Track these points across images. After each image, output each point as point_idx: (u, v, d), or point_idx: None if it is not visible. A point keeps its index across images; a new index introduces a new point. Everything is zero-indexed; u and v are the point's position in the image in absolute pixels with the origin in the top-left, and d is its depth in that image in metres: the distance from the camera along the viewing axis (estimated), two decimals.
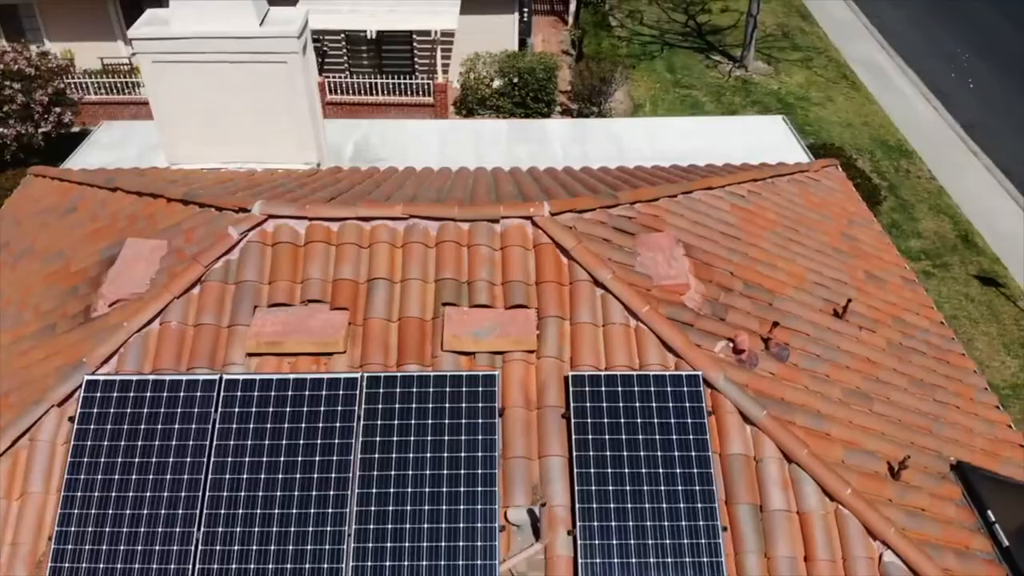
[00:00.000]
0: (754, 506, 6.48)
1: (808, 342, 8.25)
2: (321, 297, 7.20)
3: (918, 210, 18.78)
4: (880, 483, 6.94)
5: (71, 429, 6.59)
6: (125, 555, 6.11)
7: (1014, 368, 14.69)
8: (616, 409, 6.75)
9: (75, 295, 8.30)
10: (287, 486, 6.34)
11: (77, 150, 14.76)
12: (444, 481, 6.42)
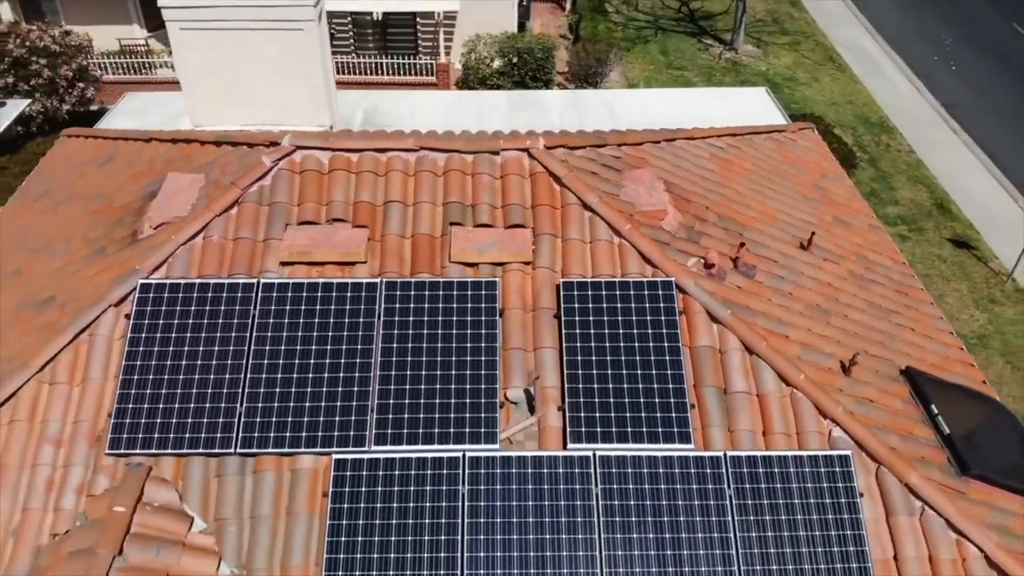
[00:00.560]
0: (719, 389, 7.50)
1: (774, 267, 9.26)
2: (344, 217, 8.22)
3: (896, 180, 19.81)
4: (832, 376, 7.95)
5: (127, 325, 7.61)
6: (178, 424, 7.13)
7: (982, 321, 15.71)
8: (600, 309, 7.77)
9: (121, 224, 9.32)
10: (318, 369, 7.36)
11: (103, 119, 15.77)
12: (453, 366, 7.45)
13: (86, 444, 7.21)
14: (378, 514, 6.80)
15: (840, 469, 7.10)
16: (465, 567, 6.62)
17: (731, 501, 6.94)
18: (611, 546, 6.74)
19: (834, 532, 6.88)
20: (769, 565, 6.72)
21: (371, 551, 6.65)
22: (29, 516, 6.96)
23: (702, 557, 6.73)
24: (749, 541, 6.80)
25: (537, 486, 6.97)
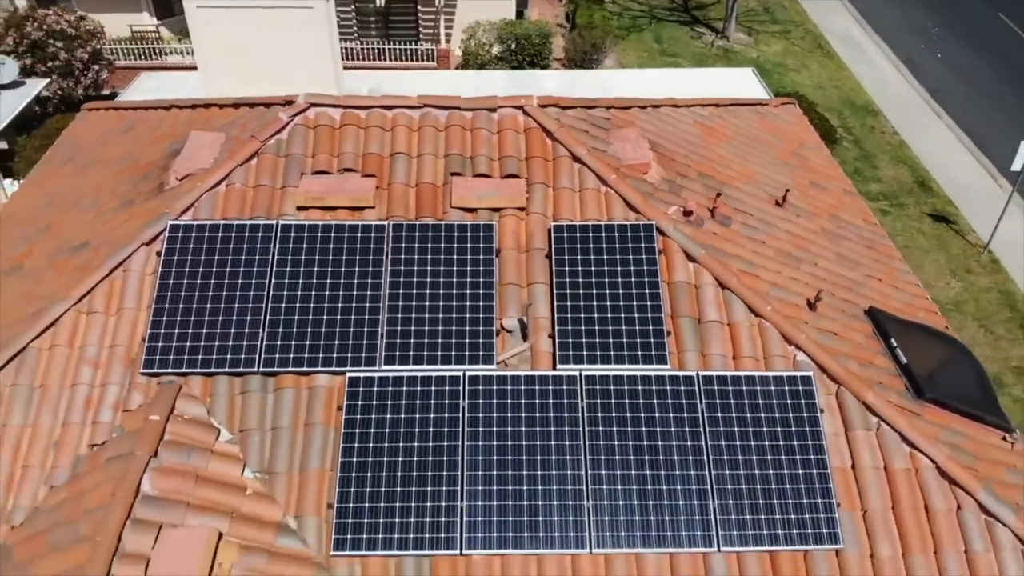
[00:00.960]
0: (693, 319, 8.28)
1: (749, 219, 10.04)
2: (354, 167, 9.00)
3: (880, 159, 20.58)
4: (798, 310, 8.73)
5: (158, 261, 8.39)
6: (205, 348, 7.91)
7: (958, 289, 16.49)
8: (587, 249, 8.55)
9: (147, 179, 10.11)
10: (332, 300, 8.15)
11: (119, 96, 16.55)
12: (454, 298, 8.23)
13: (121, 366, 7.99)
14: (387, 424, 7.58)
15: (802, 388, 7.88)
16: (465, 470, 7.40)
17: (703, 415, 7.72)
18: (595, 454, 7.52)
19: (796, 443, 7.65)
20: (737, 470, 7.50)
21: (381, 455, 7.44)
22: (69, 430, 7.74)
23: (676, 463, 7.51)
24: (719, 450, 7.58)
25: (529, 401, 7.75)
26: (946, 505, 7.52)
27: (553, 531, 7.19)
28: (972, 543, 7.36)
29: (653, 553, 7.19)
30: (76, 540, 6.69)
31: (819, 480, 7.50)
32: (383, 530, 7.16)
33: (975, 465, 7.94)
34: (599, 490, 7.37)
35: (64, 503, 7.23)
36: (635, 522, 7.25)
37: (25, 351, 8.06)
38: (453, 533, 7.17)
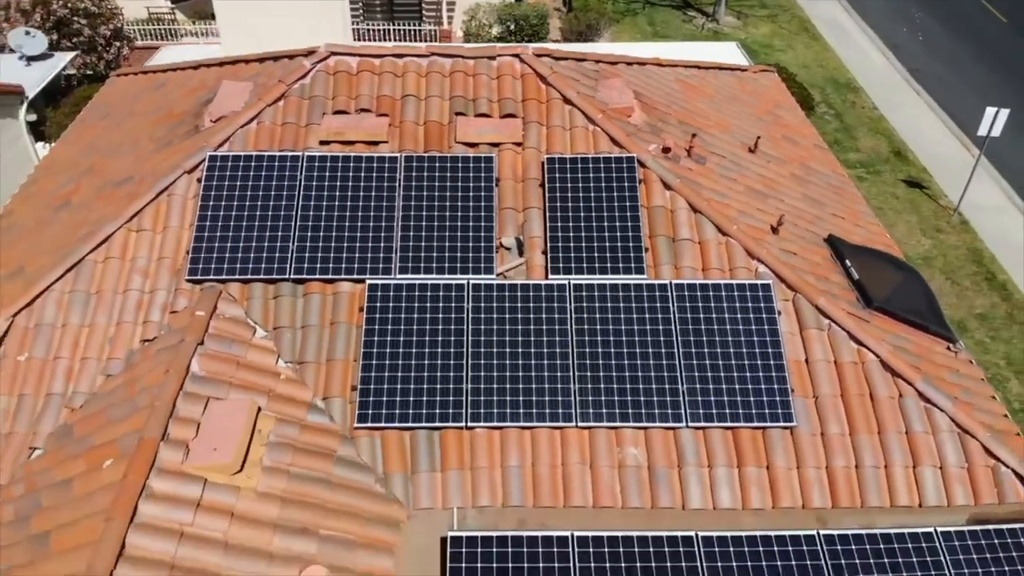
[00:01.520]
0: (668, 237, 9.43)
1: (722, 161, 11.18)
2: (369, 107, 10.14)
3: (858, 132, 21.73)
4: (762, 233, 9.87)
5: (199, 187, 9.54)
6: (242, 259, 9.05)
7: (927, 246, 17.63)
8: (576, 179, 9.70)
9: (182, 124, 11.25)
10: (352, 219, 9.29)
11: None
12: (459, 219, 9.37)
13: (168, 274, 9.14)
14: (403, 323, 8.73)
15: (762, 294, 9.03)
16: (469, 360, 8.54)
17: (675, 317, 8.87)
18: (581, 347, 8.66)
19: (756, 339, 8.80)
20: (703, 361, 8.64)
21: (397, 347, 8.58)
22: (122, 328, 8.88)
23: (650, 354, 8.65)
24: (688, 344, 8.72)
25: (524, 305, 8.90)
26: (888, 393, 8.66)
27: (544, 408, 8.34)
28: (912, 425, 8.50)
29: (630, 427, 8.34)
30: (134, 411, 7.82)
31: (775, 370, 8.65)
32: (399, 407, 8.30)
33: (918, 364, 9.08)
34: (584, 376, 8.52)
35: (120, 387, 8.37)
36: (615, 401, 8.40)
37: (81, 263, 9.21)
38: (459, 409, 8.32)
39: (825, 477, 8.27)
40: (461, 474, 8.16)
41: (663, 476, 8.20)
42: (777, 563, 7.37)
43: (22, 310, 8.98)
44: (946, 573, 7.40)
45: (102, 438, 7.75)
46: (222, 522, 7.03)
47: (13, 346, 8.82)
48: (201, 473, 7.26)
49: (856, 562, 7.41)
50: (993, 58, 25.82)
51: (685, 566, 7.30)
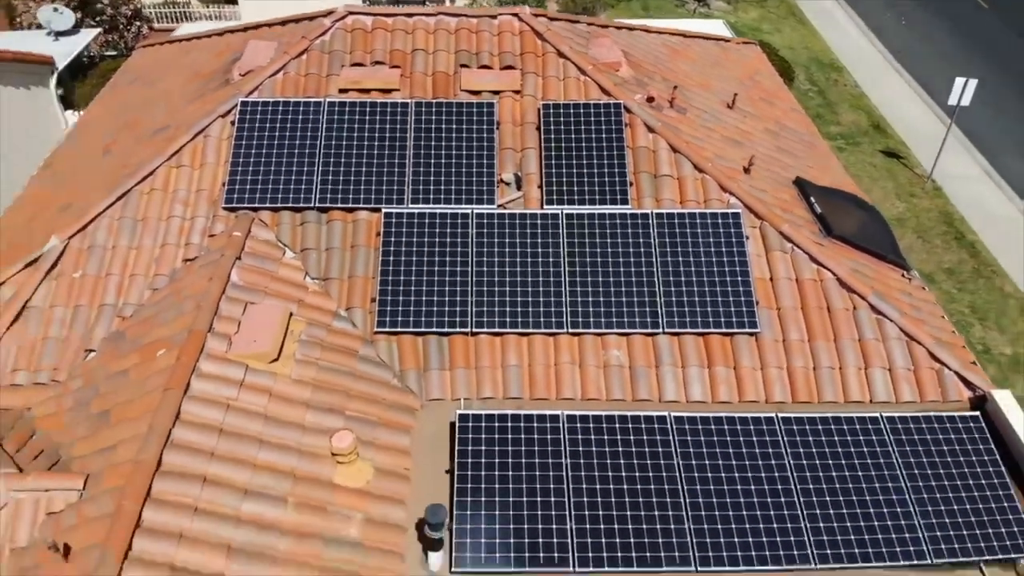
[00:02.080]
0: (650, 173, 10.58)
1: (702, 113, 12.33)
2: (383, 60, 11.30)
3: (840, 107, 22.89)
4: (735, 172, 11.02)
5: (232, 129, 10.69)
6: (272, 190, 10.20)
7: (901, 209, 18.80)
8: (568, 123, 10.85)
9: (213, 80, 12.39)
10: (369, 156, 10.43)
11: None
12: (464, 157, 10.51)
13: (206, 204, 10.30)
14: (414, 245, 9.88)
15: (732, 221, 10.18)
16: (473, 276, 9.70)
17: (655, 241, 10.03)
18: (571, 266, 9.81)
19: (726, 259, 9.95)
20: (679, 277, 9.79)
21: (410, 266, 9.74)
22: (166, 250, 10.03)
23: (632, 272, 9.80)
24: (665, 263, 9.87)
25: (522, 231, 10.05)
26: (843, 305, 9.81)
27: (539, 317, 9.50)
28: (864, 333, 9.65)
29: (614, 333, 9.49)
30: (180, 314, 8.97)
31: (743, 285, 9.80)
32: (412, 315, 9.46)
33: (872, 284, 10.23)
34: (574, 290, 9.67)
35: (167, 297, 9.53)
36: (600, 312, 9.55)
37: (128, 194, 10.36)
38: (465, 318, 9.47)
39: (786, 376, 9.43)
40: (467, 372, 9.32)
41: (642, 374, 9.36)
42: (740, 439, 8.53)
43: (76, 234, 10.12)
44: (889, 450, 8.55)
45: (153, 336, 8.90)
46: (262, 399, 8.19)
47: (69, 265, 9.97)
48: (243, 360, 8.41)
49: (809, 439, 8.57)
50: (970, 39, 26.96)
51: (659, 439, 8.46)
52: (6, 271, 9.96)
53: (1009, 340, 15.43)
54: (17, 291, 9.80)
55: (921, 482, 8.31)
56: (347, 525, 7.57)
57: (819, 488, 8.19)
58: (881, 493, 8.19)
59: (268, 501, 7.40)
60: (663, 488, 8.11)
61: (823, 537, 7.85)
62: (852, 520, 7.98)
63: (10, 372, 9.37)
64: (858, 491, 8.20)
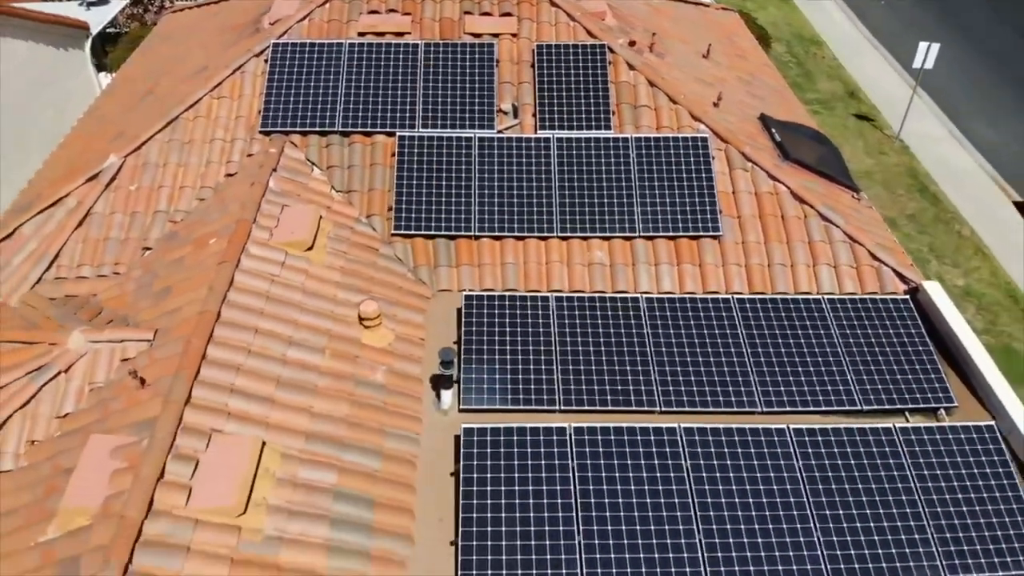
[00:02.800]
0: (631, 104, 12.12)
1: (679, 60, 13.88)
2: (396, 8, 12.85)
3: (818, 77, 24.44)
4: (706, 104, 12.56)
5: (266, 66, 12.23)
6: (301, 117, 11.75)
7: (870, 164, 20.34)
8: (559, 62, 12.39)
9: (244, 30, 13.94)
10: (385, 87, 11.98)
11: None
12: (467, 90, 12.06)
13: (244, 129, 11.84)
14: (425, 162, 11.42)
15: (700, 143, 11.72)
16: (476, 188, 11.24)
17: (633, 159, 11.57)
18: (561, 181, 11.35)
19: (695, 175, 11.47)
20: (654, 189, 11.33)
21: (422, 180, 11.28)
22: (210, 167, 11.58)
23: (614, 185, 11.35)
24: (642, 178, 11.42)
25: (518, 152, 11.59)
26: (796, 214, 11.35)
27: (533, 223, 11.04)
28: (813, 236, 11.18)
29: (597, 237, 11.04)
30: (226, 213, 10.51)
31: (708, 196, 11.33)
32: (423, 222, 11.00)
33: (823, 199, 11.77)
34: (563, 201, 11.21)
35: (213, 203, 11.08)
36: (586, 219, 11.09)
37: (176, 120, 11.91)
38: (469, 223, 11.02)
39: (744, 272, 10.97)
40: (471, 268, 10.87)
41: (621, 271, 10.91)
42: (700, 315, 10.08)
43: (131, 153, 11.67)
44: (829, 324, 10.10)
45: (203, 232, 10.44)
46: (300, 277, 9.74)
47: (125, 179, 11.52)
48: (283, 247, 9.95)
49: (760, 313, 10.12)
50: (948, 16, 28.49)
51: (632, 315, 10.02)
52: (70, 185, 11.50)
53: (962, 273, 16.98)
54: (80, 201, 11.35)
55: (855, 347, 9.86)
56: (373, 372, 9.12)
57: (767, 352, 9.74)
58: (820, 356, 9.75)
59: (309, 350, 8.95)
60: (635, 351, 9.66)
61: (768, 388, 9.40)
62: (794, 376, 9.53)
63: (76, 267, 10.92)
64: (800, 355, 9.75)
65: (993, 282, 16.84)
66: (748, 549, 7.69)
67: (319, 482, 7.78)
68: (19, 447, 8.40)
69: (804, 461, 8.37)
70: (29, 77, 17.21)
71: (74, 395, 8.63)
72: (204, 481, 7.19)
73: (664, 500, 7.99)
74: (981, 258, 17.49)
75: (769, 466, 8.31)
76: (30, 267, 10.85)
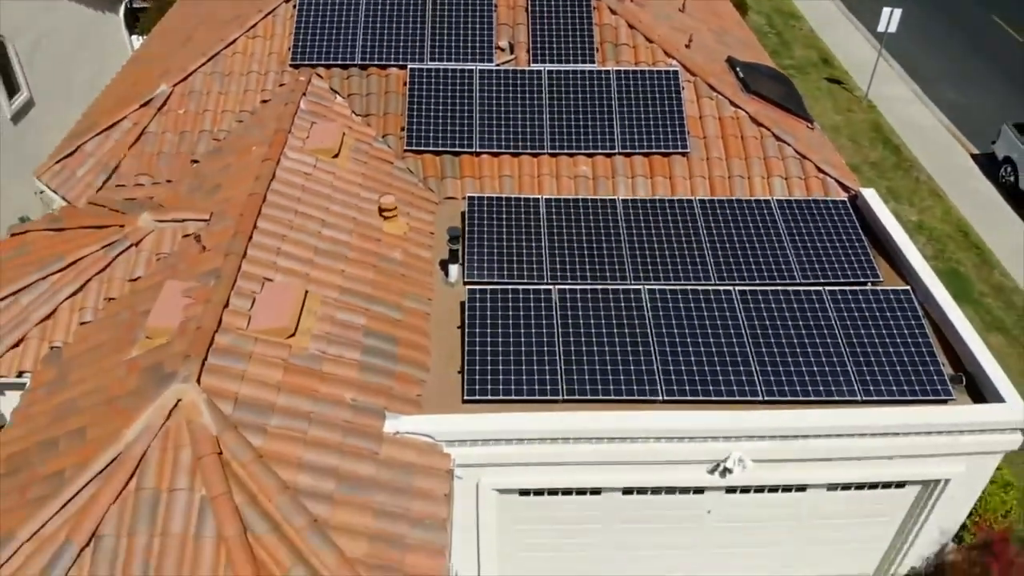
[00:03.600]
0: (612, 43, 13.90)
1: (657, 10, 15.66)
2: None
3: (795, 46, 26.23)
4: (677, 45, 14.33)
5: (295, 11, 14.02)
6: (325, 52, 13.54)
7: (838, 120, 22.13)
8: (550, 6, 14.18)
9: None
10: (398, 26, 13.77)
11: None
12: (470, 29, 13.84)
13: (276, 63, 13.63)
14: (433, 90, 13.20)
15: (672, 76, 13.51)
16: (477, 114, 13.03)
17: (613, 89, 13.36)
18: (551, 110, 13.14)
19: (666, 101, 13.27)
20: (631, 112, 13.12)
21: (431, 103, 13.06)
22: (248, 94, 13.37)
23: (596, 112, 13.13)
24: (622, 104, 13.21)
25: (513, 83, 13.38)
26: (754, 134, 13.15)
27: (527, 144, 12.83)
28: (768, 152, 12.98)
29: (582, 154, 12.83)
30: (264, 128, 12.29)
31: (678, 120, 13.12)
32: (432, 140, 12.80)
33: (779, 124, 13.55)
34: (553, 125, 13.01)
35: (251, 122, 12.86)
36: (573, 140, 12.88)
37: (217, 55, 13.71)
38: (471, 139, 12.81)
39: (708, 183, 12.78)
40: (473, 180, 12.67)
41: (602, 183, 12.71)
42: (668, 213, 11.87)
43: (179, 83, 13.47)
44: (776, 219, 11.88)
45: (245, 143, 12.24)
46: (329, 177, 11.53)
47: (174, 104, 13.32)
48: (313, 153, 11.74)
49: (718, 212, 11.91)
50: None
51: (610, 214, 11.81)
52: (125, 110, 13.29)
53: (917, 211, 18.77)
54: (136, 122, 13.15)
55: (797, 236, 11.65)
56: (392, 251, 10.93)
57: (721, 240, 11.52)
58: (767, 243, 11.53)
59: (339, 231, 10.74)
60: (611, 239, 11.45)
61: (720, 264, 11.20)
62: (743, 256, 11.31)
63: (134, 177, 12.72)
64: (750, 243, 11.53)
65: (945, 219, 18.62)
66: (695, 365, 9.52)
67: (352, 322, 9.58)
68: (98, 303, 10.21)
69: (746, 313, 10.17)
70: (73, 36, 18.97)
71: (144, 263, 10.43)
72: (260, 311, 8.99)
73: (627, 329, 9.83)
74: (935, 199, 19.27)
75: (716, 315, 10.12)
76: (93, 177, 12.64)
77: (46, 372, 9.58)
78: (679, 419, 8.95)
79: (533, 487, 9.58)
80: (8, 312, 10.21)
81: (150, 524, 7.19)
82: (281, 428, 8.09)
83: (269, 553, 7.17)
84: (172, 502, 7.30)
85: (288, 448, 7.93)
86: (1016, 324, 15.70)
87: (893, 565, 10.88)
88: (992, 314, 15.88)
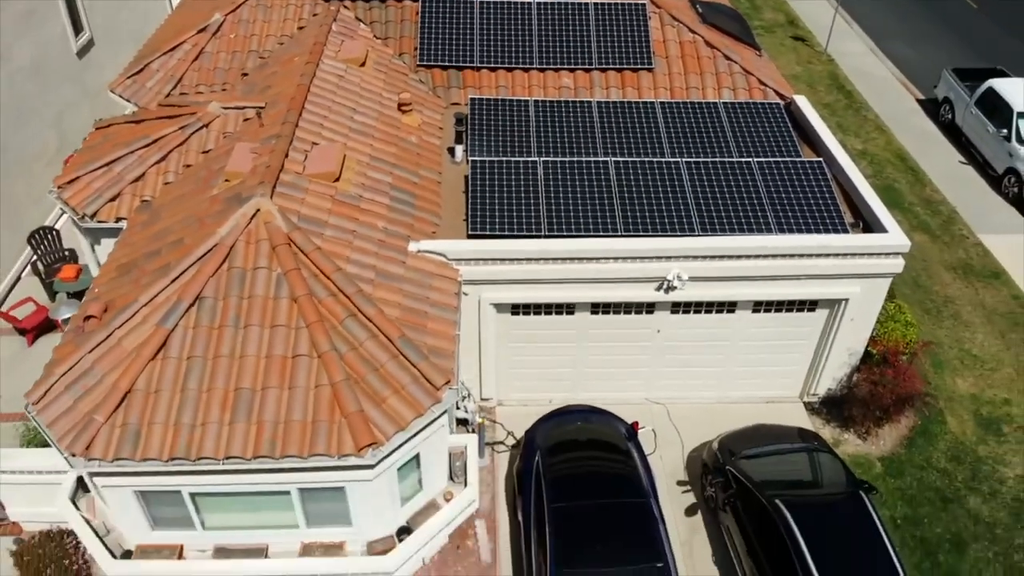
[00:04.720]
0: None
1: None
2: None
3: (764, 10, 28.93)
4: None
5: None
6: None
7: (799, 71, 24.81)
8: None
9: None
10: None
11: None
12: None
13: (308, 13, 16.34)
14: (440, 18, 15.89)
15: (640, 8, 16.20)
16: (477, 36, 15.71)
17: (592, 20, 16.04)
18: (542, 33, 15.83)
19: (634, 31, 15.96)
20: (605, 40, 15.80)
21: (439, 28, 15.75)
22: (287, 23, 16.05)
23: (579, 37, 15.82)
24: (598, 33, 15.89)
25: (508, 11, 16.07)
26: (708, 55, 15.85)
27: (522, 60, 15.52)
28: (719, 69, 15.68)
29: (565, 69, 15.52)
30: (302, 45, 14.95)
31: (645, 43, 15.82)
32: (441, 56, 15.48)
33: (729, 48, 16.23)
34: (542, 47, 15.70)
35: (290, 43, 15.54)
36: (556, 56, 15.58)
37: None
38: (471, 57, 15.50)
39: (668, 93, 15.48)
40: (474, 90, 15.37)
41: (582, 92, 15.42)
42: (634, 113, 14.56)
43: (230, 13, 16.15)
44: (721, 116, 14.56)
45: (288, 56, 14.91)
46: (357, 79, 14.22)
47: (226, 30, 16.00)
48: (345, 62, 14.42)
49: (675, 111, 14.61)
50: None
51: (586, 109, 14.50)
52: (185, 35, 15.97)
53: (861, 141, 21.45)
54: (194, 44, 15.83)
55: (739, 130, 14.33)
56: (409, 135, 13.62)
57: (677, 131, 14.21)
58: (713, 133, 14.22)
59: (368, 116, 13.43)
60: (586, 132, 14.14)
61: (675, 147, 13.89)
62: (693, 142, 13.99)
63: (195, 87, 15.40)
64: (700, 133, 14.21)
65: (887, 148, 21.31)
66: (647, 212, 12.23)
67: (381, 180, 12.28)
68: (179, 168, 12.89)
69: (690, 177, 12.87)
70: None
71: (214, 139, 13.12)
72: (312, 162, 11.68)
73: (596, 187, 12.55)
74: (880, 133, 21.96)
75: (667, 178, 12.81)
76: (161, 87, 15.33)
77: (140, 215, 12.28)
78: (631, 242, 11.66)
79: (523, 302, 12.26)
80: (104, 177, 12.88)
81: (240, 289, 9.90)
82: (333, 237, 10.79)
83: (328, 309, 9.88)
84: (256, 276, 10.01)
85: (339, 248, 10.63)
86: (940, 227, 18.38)
87: (812, 385, 13.57)
88: (919, 218, 18.57)
